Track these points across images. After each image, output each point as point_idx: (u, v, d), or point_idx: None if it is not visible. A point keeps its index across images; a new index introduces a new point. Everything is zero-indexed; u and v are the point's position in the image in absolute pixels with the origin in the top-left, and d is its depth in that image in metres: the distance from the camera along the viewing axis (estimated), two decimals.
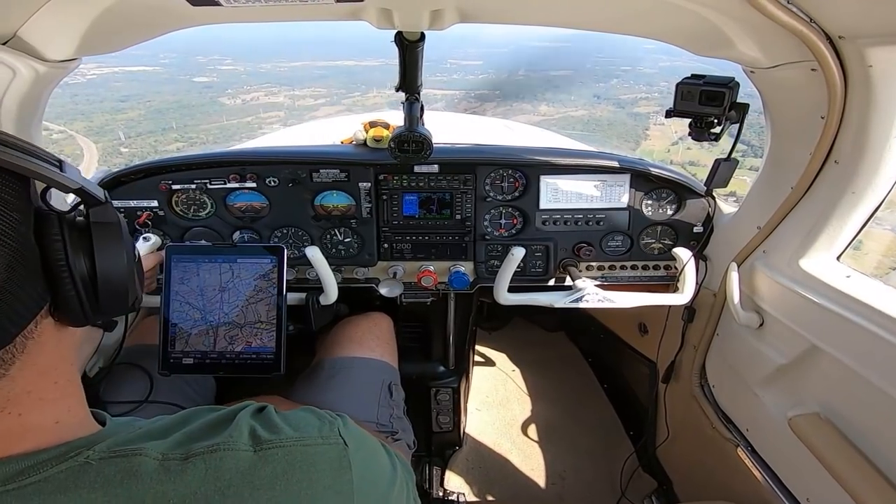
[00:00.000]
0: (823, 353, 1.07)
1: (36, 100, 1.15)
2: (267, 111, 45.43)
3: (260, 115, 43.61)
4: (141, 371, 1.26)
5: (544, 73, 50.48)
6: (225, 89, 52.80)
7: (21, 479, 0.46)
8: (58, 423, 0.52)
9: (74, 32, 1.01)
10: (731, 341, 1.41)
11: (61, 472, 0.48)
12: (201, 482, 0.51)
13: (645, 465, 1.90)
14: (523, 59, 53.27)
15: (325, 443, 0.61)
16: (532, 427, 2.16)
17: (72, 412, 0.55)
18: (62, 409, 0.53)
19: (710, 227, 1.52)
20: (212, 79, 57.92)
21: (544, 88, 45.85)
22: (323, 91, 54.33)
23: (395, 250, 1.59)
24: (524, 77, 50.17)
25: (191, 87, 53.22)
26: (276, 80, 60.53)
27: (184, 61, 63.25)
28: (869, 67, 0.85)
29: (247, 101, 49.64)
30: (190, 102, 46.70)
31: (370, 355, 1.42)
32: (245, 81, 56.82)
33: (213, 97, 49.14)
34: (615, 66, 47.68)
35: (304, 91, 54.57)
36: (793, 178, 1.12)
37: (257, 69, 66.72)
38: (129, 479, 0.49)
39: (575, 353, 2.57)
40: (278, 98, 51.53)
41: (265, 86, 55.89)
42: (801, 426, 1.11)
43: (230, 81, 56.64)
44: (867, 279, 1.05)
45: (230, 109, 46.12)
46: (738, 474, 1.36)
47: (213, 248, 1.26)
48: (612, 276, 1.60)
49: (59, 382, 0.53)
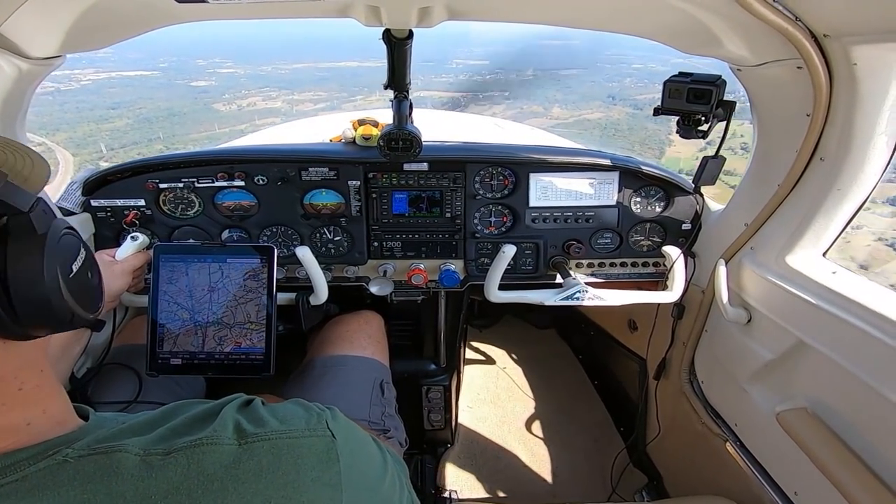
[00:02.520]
0: (810, 348, 1.08)
1: (20, 97, 1.13)
2: (262, 118, 43.73)
3: (255, 121, 41.81)
4: (129, 371, 1.25)
5: (554, 73, 49.38)
6: (222, 94, 51.17)
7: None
8: (30, 425, 0.52)
9: (57, 29, 0.99)
10: (719, 337, 1.42)
11: (39, 470, 0.48)
12: (183, 477, 0.51)
13: (636, 460, 1.91)
14: (531, 58, 52.22)
15: (312, 435, 0.60)
16: (523, 424, 2.16)
17: (47, 413, 0.54)
18: (35, 412, 0.53)
19: (698, 224, 1.53)
20: (210, 83, 56.24)
21: (555, 89, 44.73)
22: (323, 95, 52.93)
23: (385, 248, 1.58)
24: (533, 77, 49.19)
25: (186, 93, 51.53)
26: (276, 83, 58.66)
27: (182, 65, 61.49)
28: (853, 65, 0.86)
29: (242, 108, 48.16)
30: (181, 110, 44.97)
31: (361, 353, 1.42)
32: (243, 85, 55.19)
33: (207, 103, 47.52)
34: (626, 64, 46.61)
35: (303, 95, 53.08)
36: (779, 175, 1.13)
37: (257, 72, 64.53)
38: (108, 476, 0.49)
39: (565, 350, 2.58)
40: (276, 103, 50.05)
41: (264, 90, 54.45)
42: (788, 421, 1.12)
43: (228, 86, 55.05)
44: (853, 275, 1.06)
45: (224, 116, 44.48)
46: (728, 469, 1.37)
47: (201, 248, 1.24)
48: (601, 274, 1.60)
49: (23, 388, 0.52)
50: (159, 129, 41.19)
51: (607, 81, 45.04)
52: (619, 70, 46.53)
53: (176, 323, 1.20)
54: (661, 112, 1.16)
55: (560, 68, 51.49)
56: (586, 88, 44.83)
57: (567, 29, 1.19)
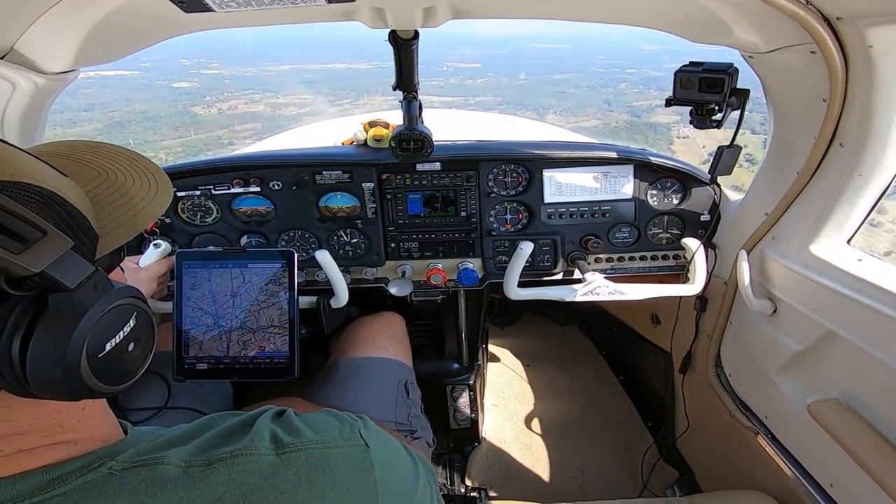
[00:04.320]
0: (839, 337, 1.06)
1: (37, 112, 1.17)
2: (242, 123, 41.35)
3: (234, 127, 39.77)
4: (158, 377, 1.27)
5: (547, 76, 48.32)
6: (203, 96, 48.78)
7: (45, 492, 0.47)
8: (76, 444, 0.53)
9: (70, 44, 1.02)
10: (744, 329, 1.39)
11: (85, 483, 0.49)
12: (225, 487, 0.51)
13: (665, 455, 1.89)
14: (523, 62, 51.06)
15: (346, 444, 0.61)
16: (549, 421, 2.16)
17: (94, 436, 0.55)
18: (81, 436, 0.54)
19: (716, 214, 1.50)
20: (192, 84, 54.05)
21: (549, 94, 43.65)
22: (308, 98, 51.14)
23: (402, 249, 1.60)
24: (526, 81, 48.21)
25: (167, 94, 48.96)
26: (261, 85, 56.02)
27: (166, 65, 58.96)
28: (869, 48, 0.84)
29: (223, 111, 45.85)
30: (158, 113, 42.35)
31: (384, 355, 1.43)
32: (227, 87, 52.92)
33: (186, 106, 45.18)
34: (620, 69, 45.23)
35: (287, 98, 51.08)
36: (798, 162, 1.10)
37: (243, 73, 62.16)
38: (153, 488, 0.50)
39: (589, 347, 2.56)
40: (258, 107, 48.07)
41: (247, 92, 52.25)
42: (820, 412, 1.09)
43: (211, 87, 52.66)
44: (879, 262, 1.03)
45: (202, 120, 42.09)
46: (760, 462, 1.35)
47: (223, 254, 1.26)
48: (621, 268, 1.59)
49: (64, 425, 0.53)
50: (130, 134, 39.14)
51: (602, 87, 43.53)
52: (613, 74, 44.86)
53: (201, 328, 1.23)
54: (674, 103, 1.15)
55: (552, 72, 50.09)
56: (581, 94, 43.33)
57: (558, 33, 1.19)
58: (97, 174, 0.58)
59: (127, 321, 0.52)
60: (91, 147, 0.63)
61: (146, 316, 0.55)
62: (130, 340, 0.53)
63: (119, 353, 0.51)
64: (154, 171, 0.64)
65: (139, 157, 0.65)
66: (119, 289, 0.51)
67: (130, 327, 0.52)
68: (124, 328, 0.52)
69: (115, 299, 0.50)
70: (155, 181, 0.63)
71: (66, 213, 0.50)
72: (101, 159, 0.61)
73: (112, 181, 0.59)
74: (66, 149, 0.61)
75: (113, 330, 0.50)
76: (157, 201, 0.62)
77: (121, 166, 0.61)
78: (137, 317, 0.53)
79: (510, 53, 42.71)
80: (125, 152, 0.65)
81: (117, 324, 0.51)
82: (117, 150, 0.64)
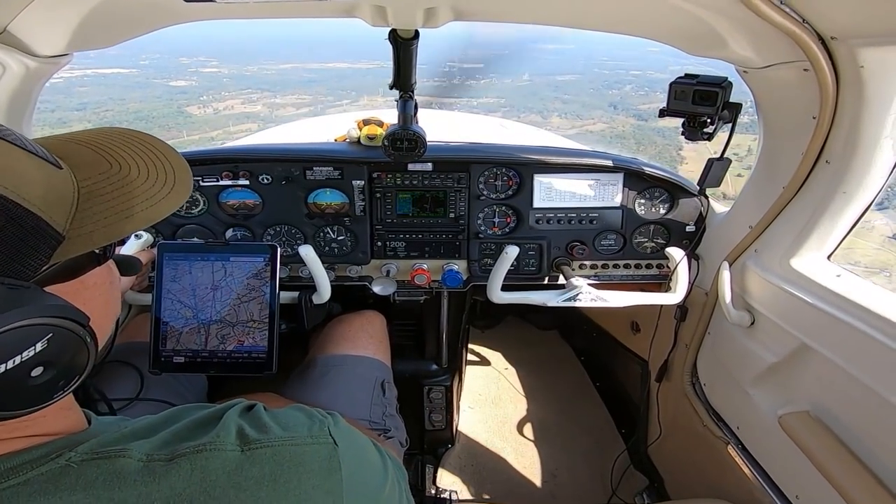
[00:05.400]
0: (814, 351, 1.08)
1: (27, 95, 1.14)
2: (237, 124, 40.60)
3: (229, 128, 38.90)
4: (131, 369, 1.24)
5: (550, 78, 48.24)
6: (199, 96, 48.05)
7: (0, 483, 0.46)
8: (34, 435, 0.51)
9: (65, 27, 0.99)
10: (722, 340, 1.42)
11: (41, 474, 0.47)
12: (186, 483, 0.50)
13: (637, 462, 1.91)
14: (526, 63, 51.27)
15: (314, 442, 0.60)
16: (524, 425, 2.16)
17: (54, 427, 0.53)
18: (40, 428, 0.52)
19: (702, 226, 1.52)
20: (190, 82, 53.46)
21: (553, 96, 43.81)
22: (307, 98, 50.46)
23: (388, 248, 1.58)
24: (529, 82, 48.35)
25: (163, 93, 48.34)
26: (259, 84, 55.71)
27: (164, 63, 58.21)
28: (860, 68, 0.86)
29: (218, 111, 45.10)
30: (150, 113, 41.44)
31: (363, 353, 1.41)
32: (224, 87, 52.37)
33: (181, 105, 44.47)
34: (624, 71, 45.03)
35: (285, 98, 50.58)
36: (785, 177, 1.12)
37: (242, 72, 60.93)
38: (111, 482, 0.48)
39: (568, 352, 2.58)
40: (255, 107, 47.46)
41: (245, 91, 51.59)
42: (791, 424, 1.12)
43: (209, 86, 52.21)
44: (857, 279, 1.06)
45: (196, 121, 41.35)
46: (729, 472, 1.37)
47: (205, 246, 1.24)
48: (605, 275, 1.60)
49: (22, 419, 0.50)
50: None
51: (607, 89, 43.56)
52: (618, 76, 45.26)
53: (179, 321, 1.20)
54: (667, 114, 1.16)
55: (556, 73, 50.40)
56: (586, 96, 43.34)
57: (561, 33, 1.20)
58: (109, 166, 0.56)
59: (31, 344, 0.46)
60: (126, 137, 0.61)
61: (71, 340, 0.49)
62: (36, 365, 0.47)
63: (19, 373, 0.46)
64: (179, 173, 0.61)
65: (173, 154, 0.62)
66: (22, 309, 0.45)
67: (37, 350, 0.46)
68: (29, 349, 0.46)
69: (18, 317, 0.44)
70: (172, 182, 0.60)
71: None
72: (127, 151, 0.58)
73: (122, 177, 0.56)
74: (97, 136, 0.59)
75: (13, 349, 0.45)
76: (164, 204, 0.59)
77: (144, 161, 0.59)
78: (53, 341, 0.47)
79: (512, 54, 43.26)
80: (161, 147, 0.62)
81: (18, 343, 0.45)
82: (151, 145, 0.62)
